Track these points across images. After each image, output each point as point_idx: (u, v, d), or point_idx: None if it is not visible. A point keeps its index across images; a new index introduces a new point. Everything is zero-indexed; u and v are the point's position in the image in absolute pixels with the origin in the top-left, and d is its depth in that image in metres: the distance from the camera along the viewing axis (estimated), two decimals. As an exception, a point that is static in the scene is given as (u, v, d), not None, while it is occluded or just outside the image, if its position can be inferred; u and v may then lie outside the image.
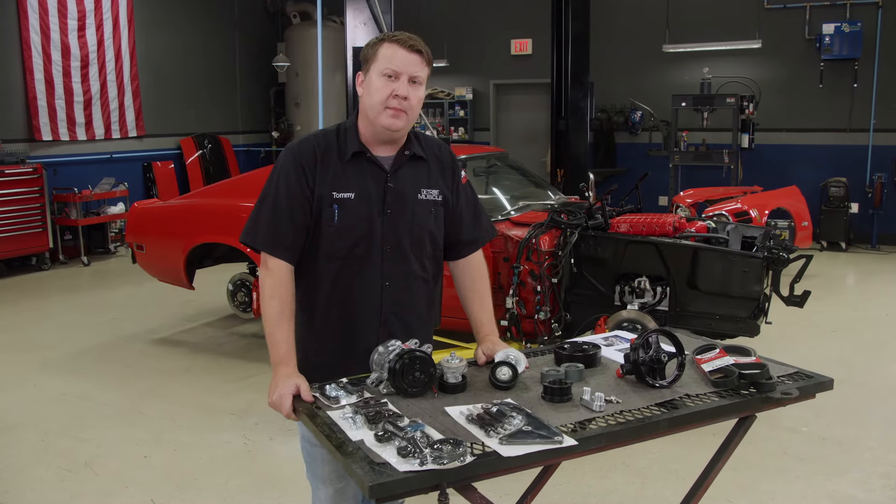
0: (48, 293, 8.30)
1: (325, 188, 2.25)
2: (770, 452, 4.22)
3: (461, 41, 12.81)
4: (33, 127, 9.85)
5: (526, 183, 6.44)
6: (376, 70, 2.23)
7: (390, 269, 2.32)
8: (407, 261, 2.34)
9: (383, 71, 2.22)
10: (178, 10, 11.97)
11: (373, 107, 2.24)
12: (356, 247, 2.28)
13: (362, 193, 2.27)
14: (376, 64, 2.24)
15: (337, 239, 2.27)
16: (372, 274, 2.30)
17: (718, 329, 4.92)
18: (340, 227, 2.26)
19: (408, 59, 2.22)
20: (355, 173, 2.28)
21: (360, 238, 2.27)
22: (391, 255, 2.31)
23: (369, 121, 2.28)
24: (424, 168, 2.38)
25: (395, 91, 2.20)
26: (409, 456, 1.69)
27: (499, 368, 2.16)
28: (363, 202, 2.27)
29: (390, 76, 2.21)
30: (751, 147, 10.20)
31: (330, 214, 2.25)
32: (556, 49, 7.30)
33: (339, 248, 2.28)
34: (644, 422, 1.93)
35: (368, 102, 2.25)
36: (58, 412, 4.91)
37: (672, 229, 5.04)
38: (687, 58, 11.00)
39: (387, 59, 2.22)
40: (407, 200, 2.32)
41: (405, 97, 2.21)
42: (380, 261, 2.30)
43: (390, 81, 2.21)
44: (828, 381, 2.23)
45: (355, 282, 2.30)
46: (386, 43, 2.26)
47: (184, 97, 12.05)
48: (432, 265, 2.42)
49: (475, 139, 13.24)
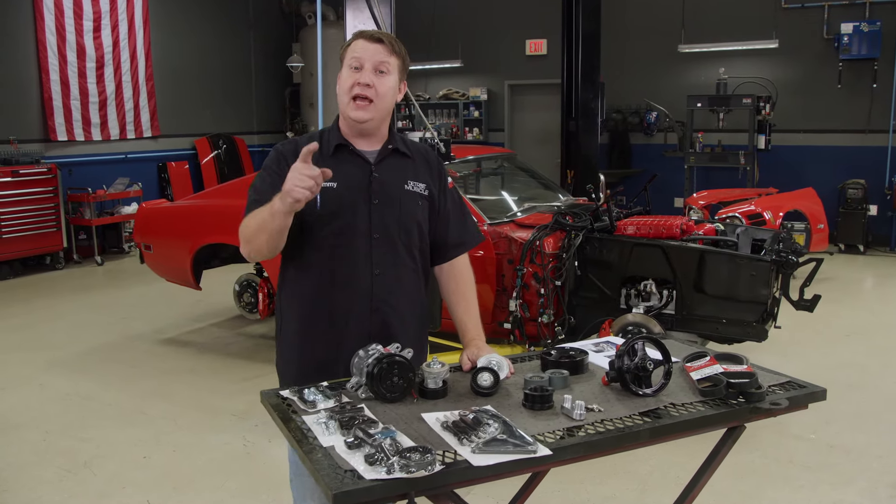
0: (61, 292, 8.35)
1: None
2: (776, 459, 4.14)
3: (476, 41, 12.78)
4: (49, 127, 9.93)
5: (534, 184, 6.38)
6: (345, 64, 2.28)
7: (380, 258, 2.31)
8: (396, 250, 2.34)
9: (349, 62, 2.26)
10: (194, 11, 12.02)
11: (341, 99, 2.28)
12: (341, 234, 2.27)
13: (346, 183, 2.27)
14: (345, 59, 2.29)
15: (322, 226, 2.26)
16: (362, 262, 2.30)
17: (725, 333, 4.85)
18: (324, 214, 2.25)
19: (370, 48, 2.24)
20: (338, 164, 2.27)
21: (345, 225, 2.27)
22: (380, 243, 2.30)
23: (343, 116, 2.32)
24: (410, 163, 2.39)
25: (358, 79, 2.22)
26: (377, 464, 1.65)
27: (480, 374, 2.12)
28: (347, 190, 2.27)
29: (356, 67, 2.24)
30: (767, 148, 10.08)
31: (313, 203, 2.22)
32: (567, 49, 7.22)
33: (324, 235, 2.27)
34: (624, 431, 1.87)
35: (339, 96, 2.29)
36: (61, 411, 4.93)
37: (679, 232, 4.97)
38: (703, 58, 10.88)
39: (352, 51, 2.27)
40: (393, 190, 2.33)
41: (368, 84, 2.22)
42: (369, 249, 2.29)
43: (354, 72, 2.24)
44: (820, 392, 2.16)
45: (345, 270, 2.29)
46: (353, 40, 2.31)
47: (199, 97, 12.10)
48: (421, 257, 2.41)
49: (490, 140, 13.20)
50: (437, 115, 13.73)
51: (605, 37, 10.25)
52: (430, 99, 13.66)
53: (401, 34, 11.00)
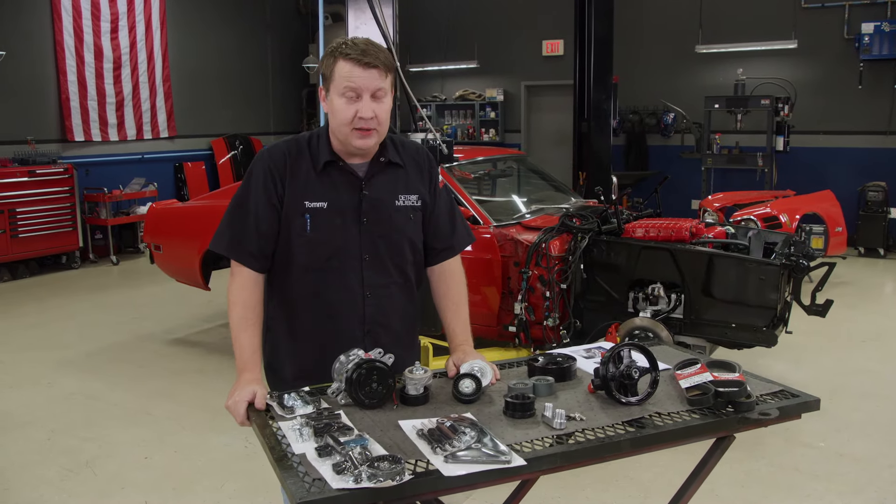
0: (75, 292, 8.41)
1: (296, 196, 2.19)
2: (782, 468, 4.06)
3: (492, 42, 12.74)
4: (66, 128, 10.02)
5: (543, 186, 6.33)
6: (335, 90, 2.14)
7: (371, 279, 2.25)
8: (387, 269, 2.28)
9: (342, 92, 2.12)
10: (211, 12, 12.08)
11: (339, 129, 2.17)
12: (332, 258, 2.21)
13: (336, 203, 2.20)
14: (334, 84, 2.14)
15: (311, 249, 2.20)
16: (352, 284, 2.24)
17: (734, 338, 4.77)
18: (313, 238, 2.19)
19: (365, 76, 2.10)
20: (328, 182, 2.21)
21: (337, 249, 2.21)
22: (371, 264, 2.24)
23: (338, 139, 2.21)
24: (402, 174, 2.30)
25: (358, 113, 2.11)
26: (345, 472, 1.62)
27: (462, 381, 2.08)
28: (336, 211, 2.20)
29: (351, 97, 2.12)
30: (786, 150, 9.93)
31: (302, 224, 2.18)
32: (580, 50, 7.16)
33: (314, 259, 2.21)
34: (604, 441, 1.83)
35: (334, 123, 2.17)
36: (67, 411, 4.95)
37: (689, 234, 4.90)
38: (720, 58, 10.75)
39: (344, 78, 2.11)
40: (384, 208, 2.25)
41: (371, 117, 2.13)
42: (359, 270, 2.24)
43: (352, 102, 2.12)
44: (813, 402, 2.10)
45: (335, 293, 2.24)
46: (340, 60, 2.13)
47: (216, 98, 12.16)
48: (413, 271, 2.35)
49: (506, 141, 13.16)
50: (454, 116, 13.70)
51: (621, 37, 10.17)
52: (446, 100, 13.64)
53: (416, 34, 11.00)
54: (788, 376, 5.40)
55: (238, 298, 2.22)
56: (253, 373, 2.16)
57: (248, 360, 2.17)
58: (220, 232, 2.28)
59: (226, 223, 2.28)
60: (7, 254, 8.73)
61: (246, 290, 2.22)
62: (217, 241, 2.29)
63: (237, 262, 2.23)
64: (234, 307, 2.22)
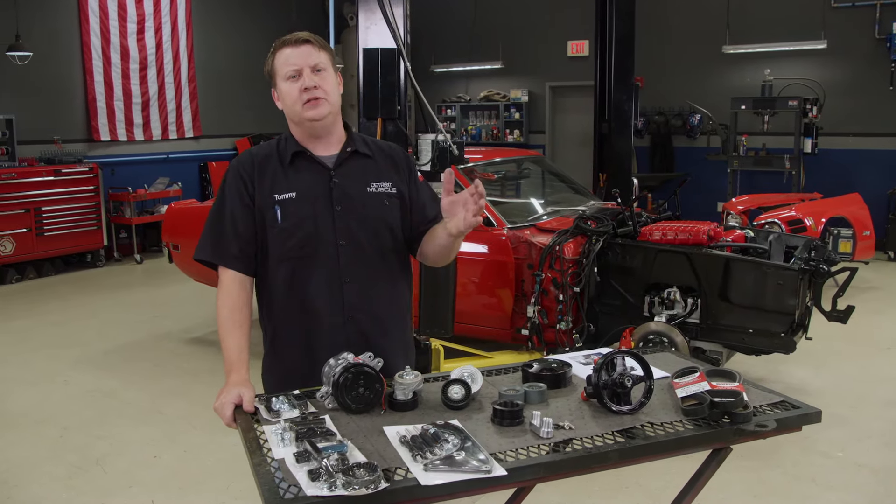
0: (98, 290, 8.50)
1: (265, 192, 2.23)
2: (797, 477, 3.96)
3: (516, 43, 12.67)
4: (92, 127, 10.15)
5: (561, 187, 6.26)
6: (280, 78, 2.23)
7: (350, 266, 2.24)
8: (366, 256, 2.26)
9: (285, 75, 2.21)
10: (237, 13, 12.16)
11: (292, 110, 2.24)
12: (305, 245, 2.21)
13: (305, 192, 2.22)
14: (278, 73, 2.23)
15: (284, 239, 2.22)
16: (329, 272, 2.23)
17: (752, 344, 4.68)
18: (285, 227, 2.21)
19: (299, 53, 2.19)
20: (296, 174, 2.24)
21: (308, 236, 2.21)
22: (348, 250, 2.23)
23: (296, 124, 2.27)
24: (371, 163, 2.31)
25: (302, 84, 2.18)
26: (319, 479, 1.58)
27: (451, 387, 2.04)
28: (306, 200, 2.22)
29: (293, 76, 2.19)
30: (814, 152, 9.75)
31: (273, 216, 2.21)
32: (601, 51, 7.07)
33: (287, 248, 2.22)
34: (591, 452, 1.77)
35: (288, 109, 2.25)
36: (81, 408, 4.99)
37: (706, 238, 4.81)
38: (748, 59, 10.57)
39: (283, 62, 2.21)
40: (356, 194, 2.26)
41: (314, 86, 2.18)
42: (336, 257, 2.23)
43: (295, 81, 2.19)
44: (814, 414, 2.02)
45: (311, 281, 2.23)
46: (276, 52, 2.24)
47: (241, 98, 12.21)
48: (396, 259, 2.33)
49: (530, 142, 13.08)
50: (478, 117, 13.66)
51: (647, 37, 10.07)
52: (470, 101, 13.59)
53: (440, 35, 10.98)
54: (809, 383, 5.28)
55: (224, 300, 2.23)
56: (240, 374, 2.16)
57: (234, 361, 2.17)
58: (202, 240, 2.30)
59: (206, 231, 2.30)
60: (33, 252, 8.85)
61: (232, 292, 2.23)
62: (200, 249, 2.31)
63: (221, 265, 2.25)
64: (220, 309, 2.24)
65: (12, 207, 8.62)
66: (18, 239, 8.66)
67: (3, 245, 8.51)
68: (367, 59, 3.91)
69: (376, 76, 3.92)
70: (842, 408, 4.85)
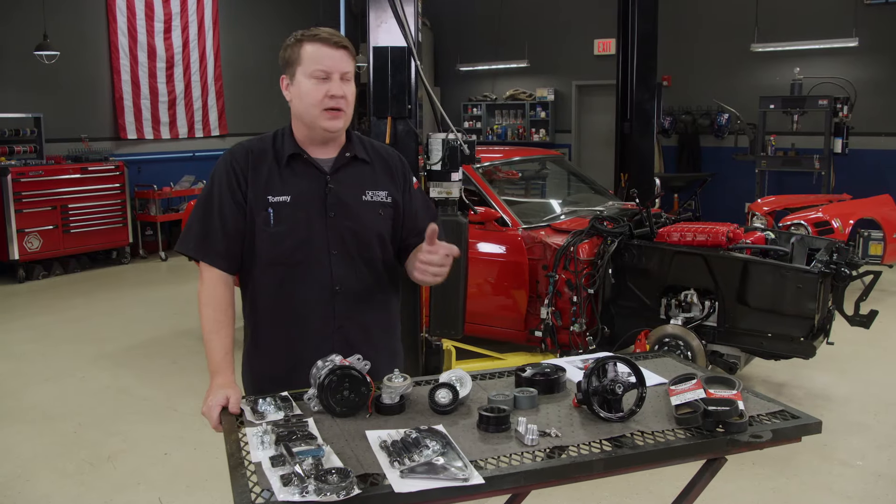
0: (123, 287, 8.60)
1: (259, 191, 2.15)
2: (814, 487, 3.86)
3: (542, 41, 12.58)
4: (119, 126, 10.26)
5: (580, 187, 6.19)
6: (303, 72, 2.11)
7: (341, 274, 2.19)
8: (356, 265, 2.22)
9: (312, 73, 2.10)
10: (263, 11, 12.21)
11: (307, 111, 2.13)
12: (297, 251, 2.16)
13: (300, 196, 2.16)
14: (302, 66, 2.11)
15: (275, 244, 2.16)
16: (320, 279, 2.18)
17: (770, 349, 4.58)
18: (277, 231, 2.15)
19: (335, 57, 2.10)
20: (292, 176, 2.17)
21: (300, 242, 2.16)
22: (339, 258, 2.19)
23: (305, 125, 2.17)
24: (369, 170, 2.25)
25: (329, 91, 2.09)
26: (291, 485, 1.56)
27: (438, 391, 2.00)
28: (300, 205, 2.16)
29: (322, 78, 2.10)
30: (844, 152, 9.54)
31: (265, 218, 2.14)
32: (623, 49, 6.98)
33: (278, 253, 2.16)
34: (574, 460, 1.72)
35: (301, 107, 2.14)
36: (96, 404, 5.03)
37: (725, 240, 4.72)
38: (777, 57, 10.38)
39: (314, 59, 2.09)
40: (351, 202, 2.21)
41: (342, 95, 2.11)
42: (328, 265, 2.18)
43: (322, 83, 2.10)
44: (814, 424, 1.95)
45: (302, 288, 2.19)
46: (307, 43, 2.12)
47: (267, 96, 12.21)
48: (385, 269, 2.28)
49: (556, 142, 13.00)
50: (504, 116, 13.60)
51: (675, 36, 9.94)
52: (496, 99, 13.54)
53: (466, 34, 10.95)
54: (831, 389, 5.16)
55: (208, 300, 2.18)
56: (225, 376, 2.13)
57: (219, 363, 2.14)
58: (187, 233, 2.23)
59: (191, 225, 2.22)
60: (59, 249, 8.97)
61: (216, 292, 2.18)
62: (184, 242, 2.23)
63: (205, 262, 2.18)
64: (204, 309, 2.18)
65: (40, 205, 8.74)
66: (45, 236, 8.78)
67: (31, 242, 8.64)
68: (377, 58, 3.88)
69: (386, 74, 3.89)
70: (864, 415, 4.73)
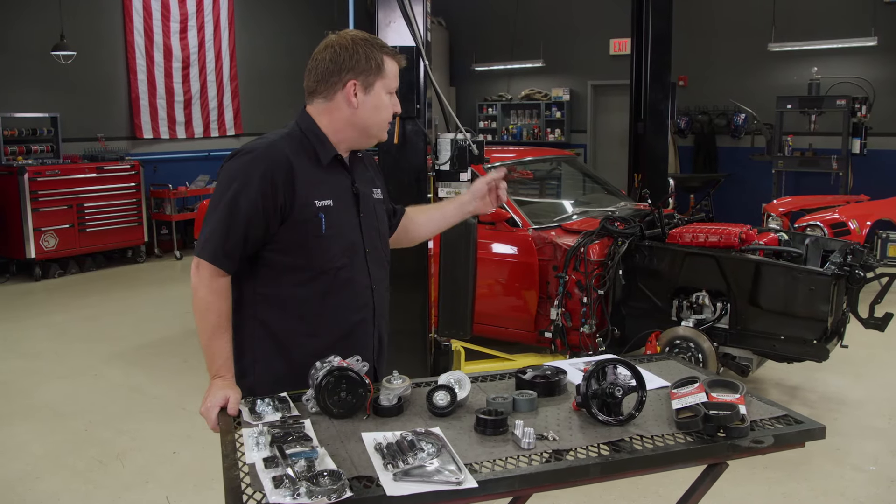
0: (138, 285, 8.65)
1: (302, 198, 2.06)
2: (825, 492, 3.81)
3: (558, 41, 12.53)
4: (135, 125, 10.33)
5: (593, 188, 6.16)
6: (384, 86, 2.14)
7: (375, 272, 2.23)
8: (382, 261, 2.28)
9: (391, 88, 2.17)
10: (279, 11, 12.25)
11: (376, 122, 2.17)
12: (345, 253, 2.14)
13: (338, 199, 2.14)
14: (384, 81, 2.14)
15: (328, 248, 2.11)
16: (362, 279, 2.20)
17: (783, 351, 4.53)
18: (330, 236, 2.10)
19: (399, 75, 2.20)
20: (330, 179, 2.14)
21: (349, 243, 2.16)
22: (372, 257, 2.22)
23: (359, 131, 2.16)
24: (366, 168, 2.31)
25: (395, 108, 2.20)
26: (282, 487, 1.55)
27: (436, 393, 1.98)
28: (342, 207, 2.15)
29: (392, 94, 2.18)
30: (863, 153, 9.43)
31: (317, 225, 2.08)
32: (636, 48, 6.93)
33: (331, 257, 2.11)
34: (571, 464, 1.70)
35: (369, 117, 2.14)
36: (108, 403, 5.06)
37: (738, 241, 4.67)
38: (794, 57, 10.27)
39: (394, 77, 2.17)
40: (369, 200, 2.26)
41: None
42: (366, 264, 2.20)
43: (392, 98, 2.18)
44: (817, 430, 1.92)
45: (350, 291, 2.16)
46: (388, 58, 2.15)
47: (282, 96, 12.29)
48: (388, 263, 2.37)
49: (572, 142, 12.94)
50: (519, 116, 13.56)
51: (691, 35, 9.87)
52: (511, 99, 13.50)
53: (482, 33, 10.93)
54: (845, 393, 5.10)
55: (213, 306, 2.09)
56: (226, 378, 2.12)
57: (221, 365, 2.13)
58: (209, 238, 2.07)
59: (215, 228, 2.06)
60: (75, 247, 9.04)
61: (221, 297, 2.10)
62: (205, 248, 2.08)
63: (217, 266, 2.08)
64: (208, 314, 2.10)
65: (56, 203, 8.81)
66: (61, 234, 8.85)
67: (47, 240, 8.71)
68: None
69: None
70: (878, 419, 4.66)
